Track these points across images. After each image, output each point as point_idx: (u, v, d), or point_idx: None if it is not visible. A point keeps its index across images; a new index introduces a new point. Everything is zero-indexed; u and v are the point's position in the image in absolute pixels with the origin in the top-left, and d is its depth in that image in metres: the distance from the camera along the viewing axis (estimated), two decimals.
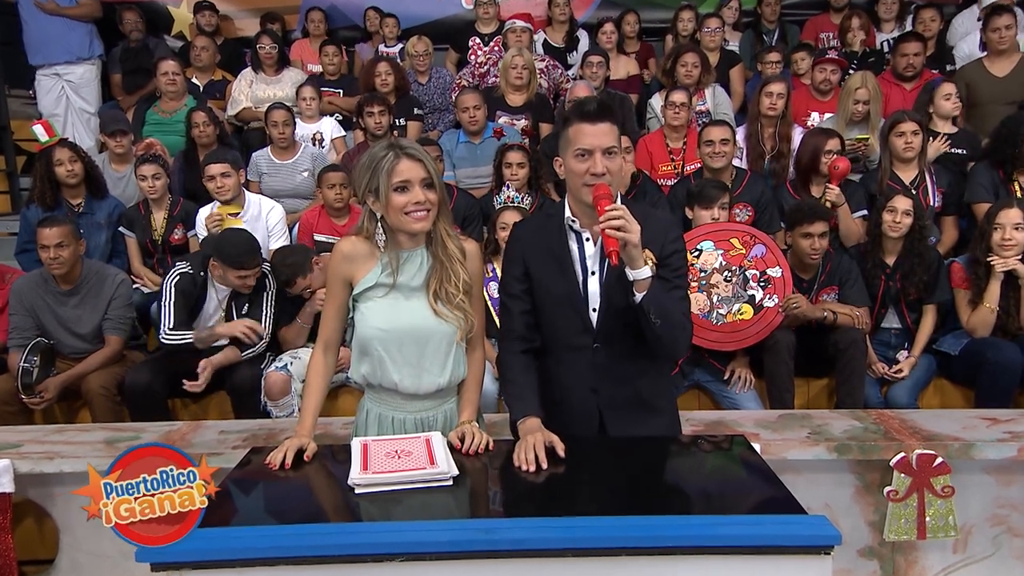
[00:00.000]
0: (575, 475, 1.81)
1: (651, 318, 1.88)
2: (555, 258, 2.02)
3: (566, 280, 2.01)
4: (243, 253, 3.39)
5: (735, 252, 3.40)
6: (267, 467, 1.84)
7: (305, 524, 1.60)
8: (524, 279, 2.06)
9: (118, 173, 4.66)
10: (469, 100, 4.66)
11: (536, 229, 2.10)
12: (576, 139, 1.94)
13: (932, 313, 3.59)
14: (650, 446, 2.01)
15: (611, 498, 1.71)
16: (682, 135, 4.57)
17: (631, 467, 1.88)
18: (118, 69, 5.79)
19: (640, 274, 1.87)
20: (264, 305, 3.54)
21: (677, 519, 1.57)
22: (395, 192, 1.89)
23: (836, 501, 2.59)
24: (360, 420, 2.09)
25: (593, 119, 1.92)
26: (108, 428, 2.93)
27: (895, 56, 4.91)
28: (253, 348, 3.46)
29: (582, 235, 2.02)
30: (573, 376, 2.05)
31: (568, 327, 2.03)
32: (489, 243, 3.72)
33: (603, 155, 1.91)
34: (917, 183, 4.01)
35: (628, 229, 1.81)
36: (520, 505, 1.76)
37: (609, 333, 2.01)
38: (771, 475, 1.79)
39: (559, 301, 2.03)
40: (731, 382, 3.44)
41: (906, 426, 2.66)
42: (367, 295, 1.97)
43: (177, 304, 3.45)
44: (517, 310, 2.07)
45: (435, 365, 1.97)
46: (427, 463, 1.75)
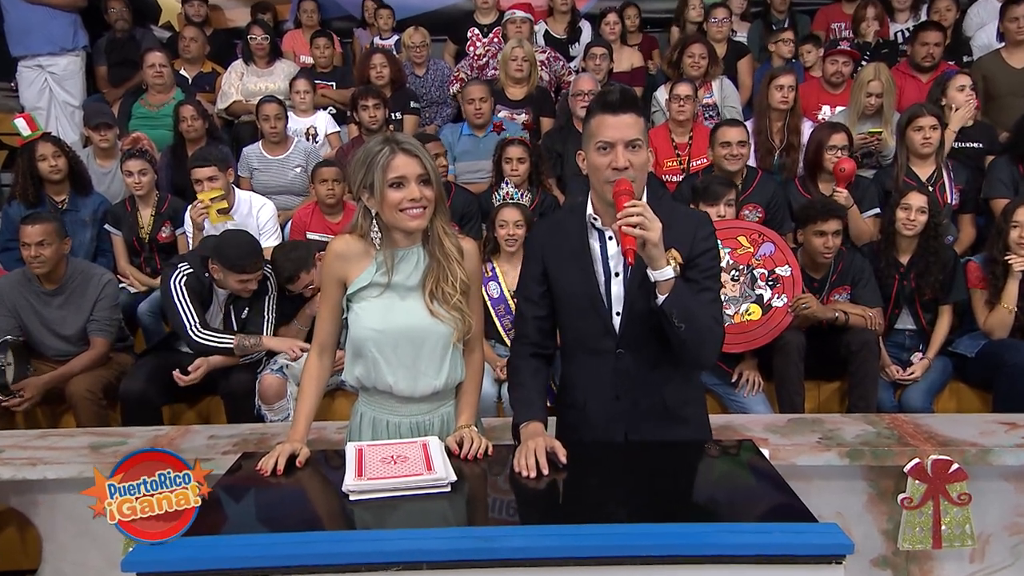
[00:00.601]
0: (578, 482, 1.81)
1: (674, 322, 1.83)
2: (575, 258, 1.99)
3: (587, 281, 1.97)
4: (245, 256, 3.36)
5: (743, 250, 3.41)
6: (258, 473, 1.84)
7: (297, 532, 1.60)
8: (542, 280, 2.03)
9: (103, 168, 4.67)
10: (476, 92, 4.66)
11: (556, 227, 2.06)
12: (598, 131, 1.89)
13: (948, 314, 3.59)
14: (655, 452, 2.00)
15: (615, 506, 1.71)
16: (688, 129, 4.57)
17: (635, 473, 1.88)
18: (103, 61, 5.78)
19: (661, 275, 1.82)
20: (265, 310, 3.53)
21: (683, 527, 1.57)
22: (390, 188, 1.89)
23: (848, 509, 2.59)
24: (354, 424, 2.09)
25: (616, 110, 1.88)
26: (93, 433, 2.92)
27: (913, 46, 4.90)
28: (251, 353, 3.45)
29: (605, 233, 1.98)
30: (594, 382, 2.02)
31: (590, 331, 2.00)
32: (488, 241, 3.72)
33: (626, 148, 1.87)
34: (934, 180, 4.01)
35: (647, 227, 1.76)
36: (520, 513, 1.76)
37: (633, 338, 1.97)
38: (780, 481, 1.79)
39: (580, 303, 1.99)
40: (739, 385, 3.45)
41: (921, 431, 2.66)
42: (361, 295, 1.97)
43: (194, 303, 3.39)
44: (531, 315, 2.06)
45: (431, 367, 1.97)
46: (424, 469, 1.75)
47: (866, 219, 3.93)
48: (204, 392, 3.50)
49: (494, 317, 3.58)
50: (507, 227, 3.59)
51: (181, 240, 4.21)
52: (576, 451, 1.86)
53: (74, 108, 5.66)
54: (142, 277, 4.22)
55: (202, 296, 3.45)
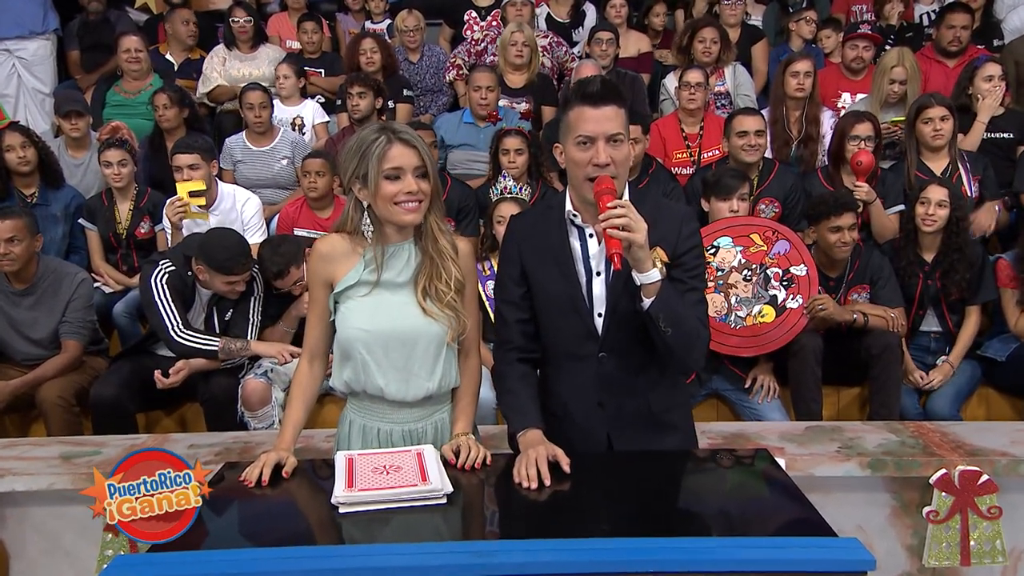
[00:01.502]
0: (581, 493, 1.81)
1: (660, 326, 1.85)
2: (554, 257, 1.99)
3: (567, 282, 1.98)
4: (232, 257, 3.35)
5: (755, 248, 3.41)
6: (242, 484, 1.84)
7: (283, 547, 1.60)
8: (522, 281, 2.04)
9: (75, 160, 4.65)
10: (484, 79, 4.64)
11: (534, 224, 2.07)
12: (577, 124, 1.89)
13: (975, 315, 3.59)
14: (664, 461, 2.01)
15: (621, 519, 1.71)
16: (698, 119, 4.57)
17: (642, 484, 1.88)
18: (75, 45, 5.76)
19: (648, 278, 1.83)
20: (251, 312, 3.51)
21: (694, 541, 1.57)
22: (385, 180, 1.89)
23: (870, 522, 2.59)
24: (342, 433, 2.09)
25: (596, 102, 1.86)
26: (65, 442, 2.92)
27: (940, 29, 4.89)
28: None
29: (585, 231, 1.99)
30: (576, 388, 2.04)
31: (570, 334, 2.01)
32: (486, 238, 3.72)
33: (607, 143, 1.86)
34: (949, 173, 3.99)
35: (633, 228, 1.76)
36: (520, 526, 1.76)
37: (617, 341, 1.98)
38: (797, 493, 1.79)
39: (560, 305, 2.00)
40: (753, 391, 3.45)
41: (947, 440, 2.66)
42: (348, 293, 1.97)
43: (176, 302, 3.37)
44: (513, 318, 2.06)
45: (423, 369, 1.97)
46: (418, 479, 1.75)
47: (891, 215, 3.91)
48: (182, 398, 3.48)
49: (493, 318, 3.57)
50: (506, 223, 3.57)
51: (160, 237, 4.20)
52: (579, 462, 1.86)
53: (44, 95, 5.64)
54: (118, 276, 4.20)
55: (184, 296, 3.44)
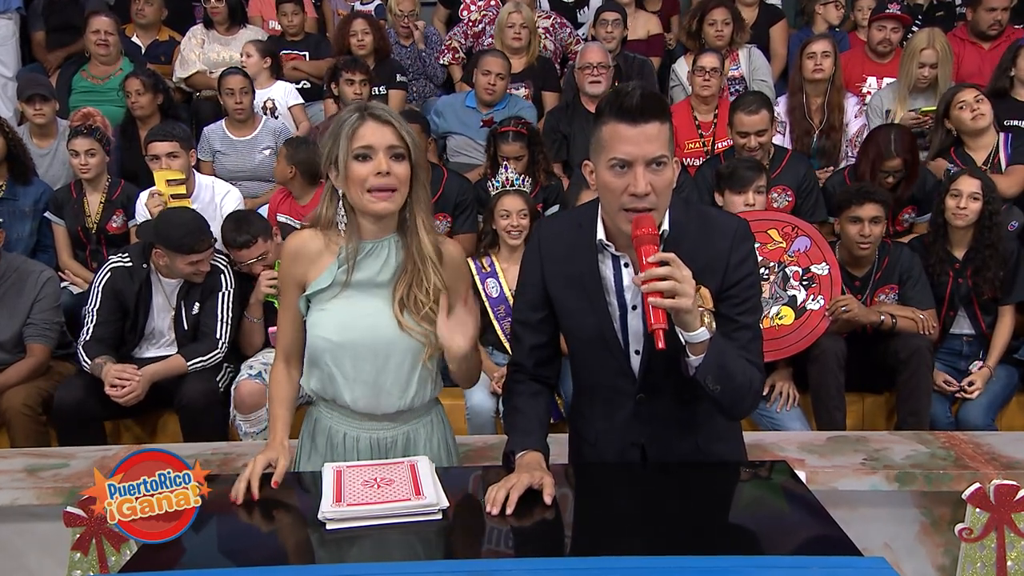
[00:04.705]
0: (588, 508, 1.81)
1: (708, 386, 1.75)
2: (584, 287, 1.87)
3: (597, 316, 1.87)
4: (189, 233, 3.36)
5: (774, 246, 3.41)
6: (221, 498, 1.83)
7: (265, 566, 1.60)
8: (542, 306, 1.94)
9: (40, 149, 4.63)
10: (495, 65, 4.63)
11: (560, 242, 1.92)
12: (612, 145, 1.72)
13: (1010, 315, 3.59)
14: (676, 474, 2.01)
15: (628, 535, 1.70)
16: (712, 107, 4.58)
17: (653, 499, 1.88)
18: (41, 25, 5.73)
19: (695, 337, 1.70)
20: (220, 307, 3.51)
21: (707, 560, 1.57)
22: (355, 160, 1.82)
23: (898, 540, 2.59)
24: (307, 428, 2.07)
25: (635, 118, 1.69)
26: (30, 454, 2.92)
27: (977, 11, 4.88)
28: (203, 358, 3.45)
29: (620, 260, 1.86)
30: (612, 425, 1.96)
31: (603, 370, 1.92)
32: (486, 234, 3.72)
33: (647, 168, 1.71)
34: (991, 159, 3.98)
35: (680, 292, 1.63)
36: (521, 543, 1.75)
37: (657, 381, 1.88)
38: (819, 509, 1.79)
39: (590, 340, 1.90)
40: (771, 398, 3.45)
41: (981, 451, 2.66)
42: (320, 297, 1.93)
43: (103, 310, 3.42)
44: (528, 343, 1.97)
45: (396, 386, 1.94)
46: (412, 493, 1.75)
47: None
48: (154, 405, 3.48)
49: (493, 319, 3.58)
50: (510, 217, 3.58)
51: (134, 231, 4.20)
52: (586, 472, 1.86)
53: (7, 79, 5.60)
54: (85, 274, 4.17)
55: (132, 295, 3.45)
